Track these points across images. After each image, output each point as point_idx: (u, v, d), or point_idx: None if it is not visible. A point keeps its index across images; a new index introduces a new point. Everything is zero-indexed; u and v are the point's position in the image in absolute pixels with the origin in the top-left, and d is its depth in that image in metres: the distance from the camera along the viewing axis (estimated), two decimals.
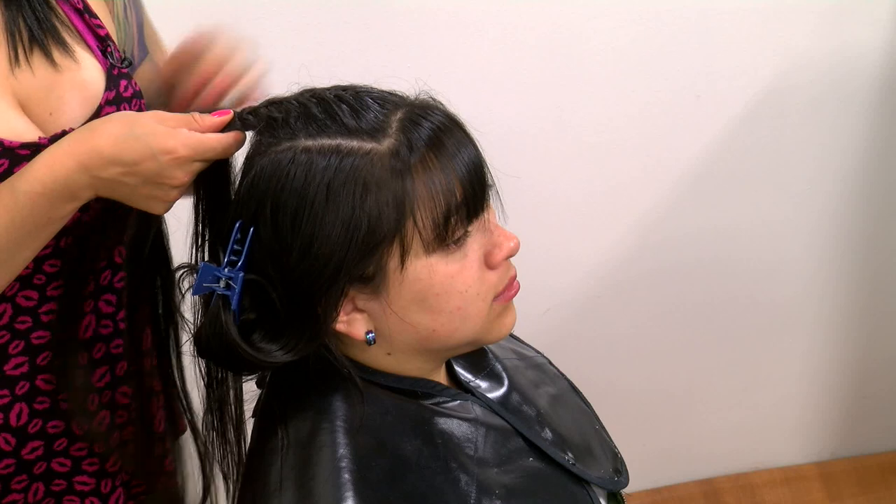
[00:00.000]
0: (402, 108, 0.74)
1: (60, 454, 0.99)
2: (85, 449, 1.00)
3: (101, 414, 1.00)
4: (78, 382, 0.96)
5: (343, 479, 0.71)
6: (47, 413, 0.97)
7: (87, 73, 0.91)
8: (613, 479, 0.91)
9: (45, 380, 0.95)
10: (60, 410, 0.97)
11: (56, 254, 0.92)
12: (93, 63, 0.92)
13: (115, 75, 0.93)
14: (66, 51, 0.89)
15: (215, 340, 0.74)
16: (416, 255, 0.72)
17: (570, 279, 1.82)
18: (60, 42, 0.89)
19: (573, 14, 1.58)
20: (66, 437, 0.99)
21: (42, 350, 0.95)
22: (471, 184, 0.73)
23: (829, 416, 2.07)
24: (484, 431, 0.81)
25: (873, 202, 1.86)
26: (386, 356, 0.79)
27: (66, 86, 0.89)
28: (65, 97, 0.89)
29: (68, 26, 0.91)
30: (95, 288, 0.97)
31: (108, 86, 0.92)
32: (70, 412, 0.97)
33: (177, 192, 0.78)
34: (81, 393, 0.96)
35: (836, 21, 1.66)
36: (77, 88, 0.90)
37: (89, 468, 1.01)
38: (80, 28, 0.92)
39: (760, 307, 1.91)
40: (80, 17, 0.93)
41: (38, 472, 0.98)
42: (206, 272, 0.74)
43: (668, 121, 1.69)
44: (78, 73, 0.90)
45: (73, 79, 0.90)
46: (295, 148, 0.71)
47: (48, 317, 0.94)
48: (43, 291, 0.93)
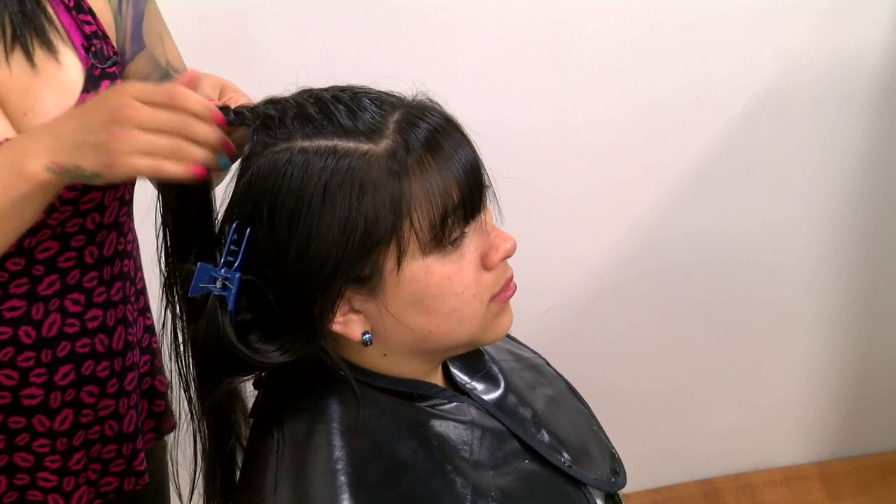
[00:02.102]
0: (399, 110, 0.74)
1: (23, 449, 1.00)
2: (47, 446, 1.00)
3: (64, 412, 1.00)
4: None
5: (339, 482, 0.71)
6: (8, 408, 0.97)
7: (67, 74, 0.91)
8: (610, 481, 0.90)
9: (7, 375, 0.96)
10: (22, 406, 0.98)
11: (19, 253, 0.92)
12: (74, 62, 0.92)
13: (96, 76, 0.93)
14: (49, 50, 0.89)
15: (212, 341, 0.74)
16: (413, 257, 0.72)
17: (570, 279, 1.82)
18: (44, 41, 0.89)
19: (573, 14, 1.58)
20: (27, 433, 0.99)
21: (4, 346, 0.95)
22: (468, 185, 0.73)
23: (829, 416, 2.07)
24: (479, 434, 0.81)
25: (873, 202, 1.85)
26: (382, 357, 0.79)
27: (44, 86, 0.89)
28: (41, 97, 0.89)
29: (55, 24, 0.91)
30: (62, 286, 0.97)
31: (85, 87, 0.92)
32: None
33: (130, 138, 0.72)
34: None
35: (836, 21, 1.66)
36: (54, 88, 0.90)
37: (51, 465, 1.01)
38: (66, 25, 0.92)
39: (760, 307, 1.90)
40: (68, 13, 0.93)
41: (1, 465, 0.99)
42: (203, 273, 0.74)
43: (668, 121, 1.69)
44: (57, 74, 0.90)
45: (51, 79, 0.89)
46: (292, 149, 0.71)
47: (10, 313, 0.94)
48: (6, 289, 0.93)
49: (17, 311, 0.95)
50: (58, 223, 0.94)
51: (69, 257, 0.96)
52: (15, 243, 0.87)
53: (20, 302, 0.95)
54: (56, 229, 0.94)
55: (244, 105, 0.77)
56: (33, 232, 0.90)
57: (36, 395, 0.98)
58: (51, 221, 0.92)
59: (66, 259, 0.96)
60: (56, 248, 0.95)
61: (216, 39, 1.47)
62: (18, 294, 0.94)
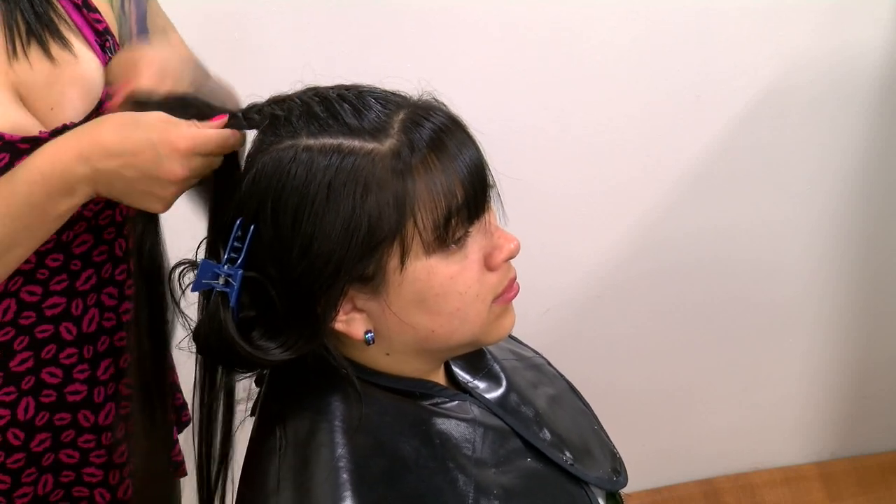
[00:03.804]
0: (404, 109, 0.74)
1: (68, 446, 1.00)
2: (92, 441, 1.01)
3: (107, 406, 1.01)
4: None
5: (341, 479, 0.71)
6: (54, 406, 0.98)
7: (86, 68, 0.91)
8: (612, 480, 0.90)
9: (50, 373, 0.96)
10: (67, 402, 0.98)
11: (58, 248, 0.93)
12: (91, 57, 0.92)
13: None
14: (63, 45, 0.90)
15: (214, 337, 0.74)
16: (416, 256, 0.72)
17: (570, 279, 1.82)
18: (58, 36, 0.90)
19: (573, 14, 1.58)
20: (73, 429, 1.00)
21: (46, 343, 0.95)
22: (472, 185, 0.73)
23: (829, 416, 2.07)
24: (482, 432, 0.81)
25: (873, 202, 1.86)
26: (384, 356, 0.79)
27: (67, 80, 0.90)
28: (66, 91, 0.89)
29: (66, 21, 0.91)
30: (98, 281, 0.97)
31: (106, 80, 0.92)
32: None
33: (174, 189, 0.78)
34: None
35: (836, 21, 1.67)
36: (77, 83, 0.90)
37: (97, 460, 1.02)
38: (78, 23, 0.93)
39: (760, 307, 1.91)
40: (78, 11, 0.93)
41: (47, 464, 0.99)
42: (206, 269, 0.74)
43: (668, 121, 1.69)
44: (77, 68, 0.90)
45: (72, 73, 0.90)
46: (296, 146, 0.71)
47: (52, 311, 0.95)
48: (46, 286, 0.94)
49: (58, 307, 0.95)
50: (93, 214, 0.95)
51: (102, 251, 0.98)
52: (53, 238, 0.88)
53: (60, 299, 0.95)
54: (91, 221, 0.95)
55: (253, 107, 0.78)
56: (71, 224, 0.91)
57: (80, 390, 0.98)
58: (86, 213, 0.93)
59: (100, 253, 0.97)
60: (91, 241, 0.96)
61: (217, 40, 1.47)
62: (59, 291, 0.95)
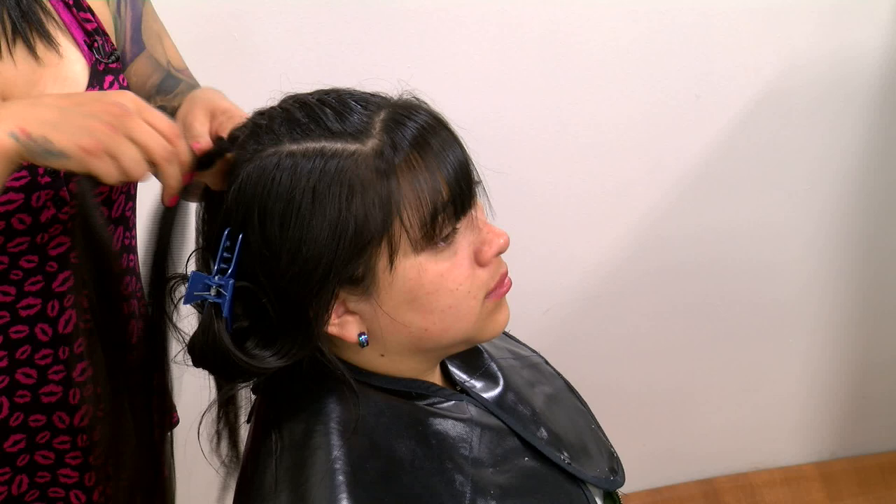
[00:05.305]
0: (384, 109, 0.74)
1: (43, 447, 1.00)
2: (68, 442, 1.01)
3: (84, 408, 1.00)
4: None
5: (337, 481, 0.71)
6: (28, 406, 0.97)
7: (71, 68, 0.91)
8: (609, 479, 0.90)
9: (25, 373, 0.96)
10: (42, 404, 0.98)
11: (33, 250, 0.92)
12: (78, 57, 0.92)
13: (100, 71, 0.93)
14: (50, 44, 0.89)
15: (209, 349, 0.74)
16: (405, 255, 0.72)
17: (570, 279, 1.82)
18: (44, 35, 0.89)
19: (573, 14, 1.58)
20: (48, 431, 0.99)
21: (21, 344, 0.95)
22: (457, 182, 0.73)
23: (829, 416, 2.07)
24: (479, 431, 0.81)
25: (873, 202, 1.85)
26: (379, 357, 0.79)
27: (49, 80, 0.89)
28: (46, 90, 0.89)
29: (54, 19, 0.91)
30: (75, 283, 0.97)
31: (91, 81, 0.92)
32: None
33: (113, 142, 0.71)
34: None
35: (836, 21, 1.66)
36: (60, 83, 0.90)
37: (72, 461, 1.02)
38: (66, 21, 0.92)
39: (760, 307, 1.90)
40: (68, 10, 0.93)
41: (22, 465, 0.99)
42: (197, 281, 0.74)
43: (668, 121, 1.69)
44: (62, 68, 0.90)
45: (56, 73, 0.90)
46: (280, 153, 0.72)
47: (27, 311, 0.95)
48: (21, 287, 0.93)
49: (33, 308, 0.95)
50: (69, 218, 0.94)
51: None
52: (27, 240, 0.87)
53: (35, 300, 0.95)
54: (67, 224, 0.94)
55: (235, 127, 0.78)
56: (45, 227, 0.90)
57: (55, 392, 0.98)
58: (62, 216, 0.93)
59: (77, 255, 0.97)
60: (68, 243, 0.95)
61: (216, 40, 1.47)
62: (34, 292, 0.94)
